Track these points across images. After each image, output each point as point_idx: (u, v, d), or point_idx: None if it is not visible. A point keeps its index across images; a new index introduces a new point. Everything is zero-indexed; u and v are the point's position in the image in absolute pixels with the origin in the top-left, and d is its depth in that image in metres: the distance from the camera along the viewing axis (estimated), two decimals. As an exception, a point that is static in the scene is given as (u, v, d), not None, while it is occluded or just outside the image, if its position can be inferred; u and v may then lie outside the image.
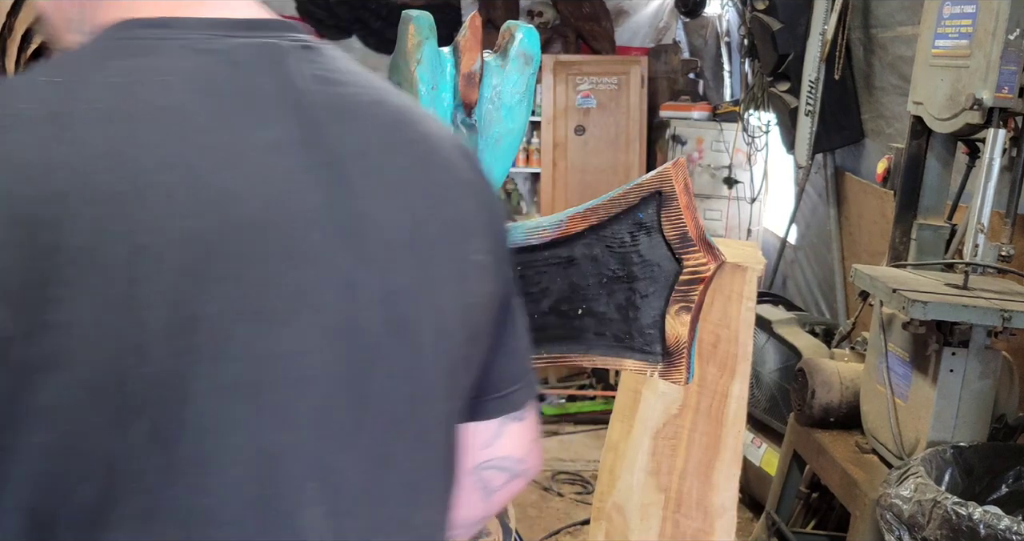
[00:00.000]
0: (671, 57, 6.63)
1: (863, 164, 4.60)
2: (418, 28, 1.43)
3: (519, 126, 1.55)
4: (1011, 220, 2.65)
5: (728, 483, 2.17)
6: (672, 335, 1.47)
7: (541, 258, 1.54)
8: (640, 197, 1.45)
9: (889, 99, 4.22)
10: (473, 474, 1.05)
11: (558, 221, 1.52)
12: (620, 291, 1.50)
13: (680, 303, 1.46)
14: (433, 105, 1.46)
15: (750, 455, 3.85)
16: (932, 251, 2.97)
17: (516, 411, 1.05)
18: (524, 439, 1.07)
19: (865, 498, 2.60)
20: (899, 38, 4.04)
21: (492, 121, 1.53)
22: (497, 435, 1.05)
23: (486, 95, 1.51)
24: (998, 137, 2.58)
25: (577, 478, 4.51)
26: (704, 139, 6.07)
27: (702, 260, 1.44)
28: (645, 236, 1.47)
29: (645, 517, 2.17)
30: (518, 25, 1.53)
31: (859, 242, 4.58)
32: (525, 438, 1.07)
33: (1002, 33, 2.50)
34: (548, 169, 6.49)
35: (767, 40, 4.71)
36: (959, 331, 2.48)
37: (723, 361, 2.14)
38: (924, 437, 2.54)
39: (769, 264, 5.42)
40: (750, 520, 3.95)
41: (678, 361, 1.48)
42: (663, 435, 2.17)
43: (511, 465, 1.07)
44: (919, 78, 2.90)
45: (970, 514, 2.04)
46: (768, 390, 3.80)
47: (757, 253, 2.32)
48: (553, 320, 1.55)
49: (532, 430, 1.09)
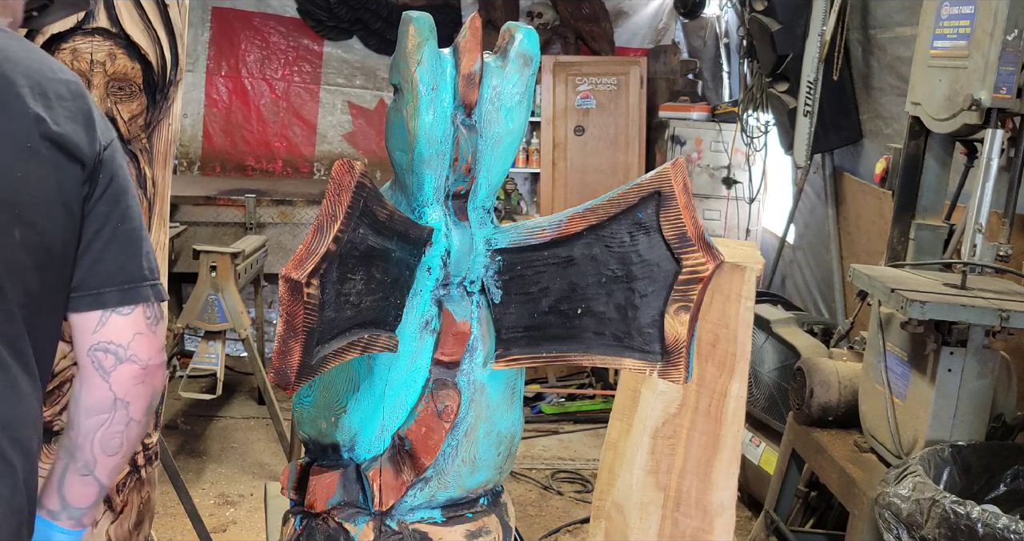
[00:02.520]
0: (670, 58, 6.64)
1: (861, 164, 4.60)
2: (418, 29, 1.44)
3: (519, 126, 1.56)
4: (1009, 220, 2.66)
5: (727, 482, 2.18)
6: (671, 334, 1.48)
7: (541, 258, 1.54)
8: (639, 197, 1.46)
9: (887, 99, 4.23)
10: (88, 355, 1.37)
11: (558, 221, 1.53)
12: (619, 291, 1.51)
13: (679, 303, 1.47)
14: (433, 105, 1.47)
15: (749, 454, 3.86)
16: (930, 251, 2.98)
17: (114, 307, 1.36)
18: (127, 330, 1.38)
19: (863, 497, 2.61)
20: (897, 39, 4.05)
21: (492, 121, 1.53)
22: (101, 323, 1.37)
23: (486, 96, 1.52)
24: (996, 137, 2.59)
25: (576, 477, 4.52)
26: (703, 139, 6.08)
27: (701, 260, 1.45)
28: (644, 236, 1.47)
29: (644, 515, 2.18)
30: (518, 26, 1.54)
31: (857, 242, 4.58)
32: (128, 330, 1.38)
33: (1000, 34, 2.51)
34: (548, 169, 6.50)
35: (766, 41, 4.72)
36: (957, 331, 2.49)
37: (722, 360, 2.15)
38: (922, 436, 2.55)
39: (768, 264, 5.43)
40: (749, 519, 3.96)
41: (677, 360, 1.49)
42: (662, 434, 2.17)
43: (115, 349, 1.37)
44: (917, 79, 2.91)
45: (968, 513, 2.05)
46: (767, 389, 3.80)
47: (756, 253, 2.33)
48: (552, 320, 1.56)
49: (138, 324, 1.38)
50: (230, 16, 6.58)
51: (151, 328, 1.40)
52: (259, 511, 3.92)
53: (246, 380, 5.49)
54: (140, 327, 1.39)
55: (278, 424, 4.31)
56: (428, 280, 1.54)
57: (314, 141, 6.81)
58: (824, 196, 4.91)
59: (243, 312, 4.21)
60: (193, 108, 6.56)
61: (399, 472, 1.55)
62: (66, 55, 1.76)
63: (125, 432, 1.42)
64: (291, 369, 1.27)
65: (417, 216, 1.53)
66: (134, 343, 1.38)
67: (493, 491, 1.70)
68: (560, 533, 3.96)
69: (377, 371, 1.55)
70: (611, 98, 6.47)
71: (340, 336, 1.36)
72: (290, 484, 1.64)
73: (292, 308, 1.24)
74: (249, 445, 4.70)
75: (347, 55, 6.76)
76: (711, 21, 6.57)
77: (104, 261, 1.37)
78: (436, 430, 1.52)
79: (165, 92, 1.89)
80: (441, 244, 1.53)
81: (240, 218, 5.47)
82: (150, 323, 1.40)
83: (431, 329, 1.54)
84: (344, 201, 1.27)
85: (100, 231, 1.37)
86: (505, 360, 1.58)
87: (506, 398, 1.63)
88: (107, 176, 1.37)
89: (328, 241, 1.26)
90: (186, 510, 3.26)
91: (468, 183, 1.55)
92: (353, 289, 1.35)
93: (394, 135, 1.51)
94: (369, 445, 1.57)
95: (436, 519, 1.61)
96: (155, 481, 2.09)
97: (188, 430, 4.82)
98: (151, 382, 1.42)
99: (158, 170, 1.94)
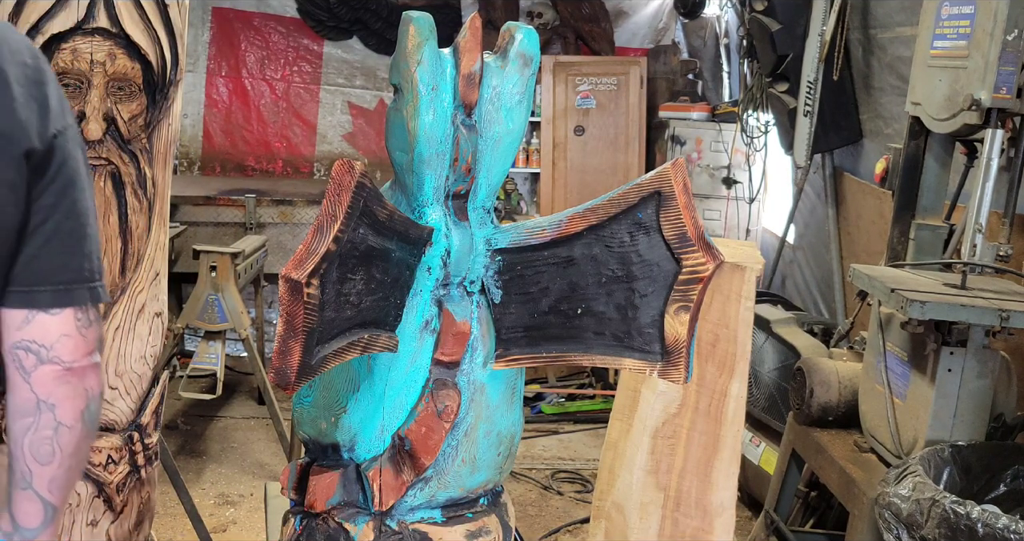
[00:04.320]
0: (670, 58, 6.64)
1: (861, 164, 4.60)
2: (418, 29, 1.44)
3: (519, 126, 1.56)
4: (1009, 220, 2.66)
5: (727, 482, 2.18)
6: (671, 334, 1.48)
7: (541, 258, 1.55)
8: (639, 197, 1.46)
9: (887, 99, 4.23)
10: (10, 353, 1.31)
11: (558, 221, 1.53)
12: (619, 291, 1.51)
13: (679, 303, 1.47)
14: (433, 105, 1.47)
15: (749, 454, 3.86)
16: (930, 251, 2.97)
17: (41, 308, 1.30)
18: (53, 330, 1.31)
19: (863, 497, 2.61)
20: (898, 39, 4.05)
21: (492, 121, 1.53)
22: (27, 321, 1.31)
23: (486, 96, 1.52)
24: (996, 137, 2.59)
25: (577, 477, 4.52)
26: (703, 139, 6.08)
27: (701, 260, 1.45)
28: (644, 236, 1.47)
29: (644, 515, 2.18)
30: (518, 26, 1.54)
31: (857, 242, 4.58)
32: (54, 330, 1.31)
33: (1000, 34, 2.51)
34: (548, 169, 6.50)
35: (766, 41, 4.72)
36: (957, 331, 2.49)
37: (722, 360, 2.15)
38: (922, 436, 2.55)
39: (768, 264, 5.43)
40: (749, 519, 3.96)
41: (677, 360, 1.49)
42: (662, 434, 2.17)
43: (37, 349, 1.31)
44: (917, 78, 2.91)
45: (968, 513, 2.05)
46: (767, 389, 3.80)
47: (756, 253, 2.33)
48: (552, 320, 1.56)
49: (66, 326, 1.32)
50: (230, 16, 6.59)
51: (80, 330, 1.33)
52: (259, 511, 3.92)
53: (246, 380, 5.49)
54: (68, 329, 1.32)
55: (278, 424, 4.31)
56: (428, 280, 1.54)
57: (314, 141, 6.81)
58: (824, 196, 4.91)
59: (243, 312, 4.21)
60: (193, 108, 6.56)
61: (399, 472, 1.55)
62: (66, 55, 1.76)
63: (55, 438, 1.33)
64: (291, 369, 1.27)
65: (417, 216, 1.53)
66: (58, 344, 1.31)
67: (493, 491, 1.71)
68: (560, 533, 3.96)
69: (377, 371, 1.55)
70: (611, 98, 6.48)
71: (340, 336, 1.36)
72: (290, 484, 1.64)
73: (292, 308, 1.24)
74: (249, 445, 4.70)
75: (347, 55, 6.76)
76: (711, 21, 6.57)
77: (41, 258, 1.31)
78: (436, 430, 1.52)
79: (165, 92, 1.89)
80: (441, 244, 1.53)
81: (240, 218, 5.47)
82: (80, 325, 1.33)
83: (431, 329, 1.54)
84: (344, 201, 1.27)
85: (42, 225, 1.30)
86: (505, 360, 1.58)
87: (506, 398, 1.63)
88: (56, 165, 1.31)
89: (328, 241, 1.26)
90: (186, 510, 3.26)
91: (468, 183, 1.55)
92: (353, 289, 1.35)
93: (394, 135, 1.51)
94: (369, 445, 1.57)
95: (436, 519, 1.61)
96: (155, 481, 2.09)
97: (188, 430, 4.82)
98: (78, 384, 1.34)
99: (158, 170, 1.94)
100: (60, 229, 1.32)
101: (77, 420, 1.35)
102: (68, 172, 1.32)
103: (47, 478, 1.35)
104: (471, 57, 1.47)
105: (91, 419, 1.38)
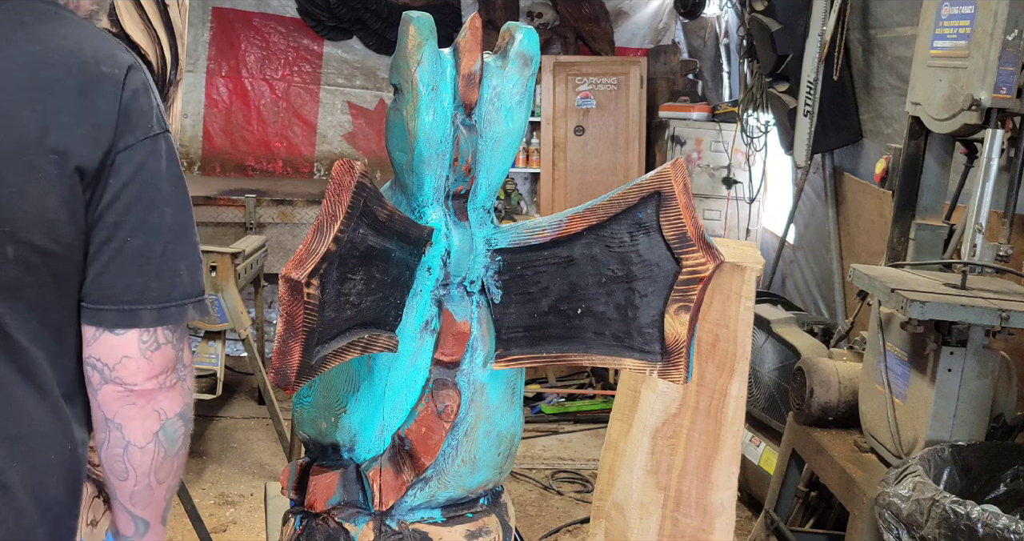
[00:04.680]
0: (670, 58, 6.64)
1: (861, 164, 4.60)
2: (418, 29, 1.44)
3: (519, 127, 1.56)
4: (1009, 220, 2.66)
5: (727, 482, 2.18)
6: (671, 334, 1.48)
7: (541, 258, 1.54)
8: (639, 197, 1.46)
9: (887, 99, 4.23)
10: (85, 367, 1.31)
11: (558, 221, 1.53)
12: (619, 291, 1.51)
13: (679, 303, 1.47)
14: (433, 106, 1.47)
15: (749, 454, 3.86)
16: (930, 251, 2.97)
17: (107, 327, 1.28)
18: (116, 351, 1.29)
19: (863, 497, 2.61)
20: (898, 39, 4.05)
21: (492, 122, 1.53)
22: (95, 338, 1.30)
23: (486, 96, 1.52)
24: (996, 137, 2.59)
25: (577, 477, 4.52)
26: (703, 139, 6.09)
27: (701, 260, 1.45)
28: (644, 236, 1.47)
29: (644, 515, 2.18)
30: (518, 26, 1.54)
31: (857, 242, 4.58)
32: (117, 351, 1.29)
33: (1000, 34, 2.51)
34: (548, 169, 6.50)
35: (766, 41, 4.72)
36: (957, 331, 2.49)
37: (722, 360, 2.15)
38: (922, 436, 2.55)
39: (768, 264, 5.43)
40: (749, 519, 3.96)
41: (677, 360, 1.49)
42: (662, 434, 2.17)
43: (101, 368, 1.30)
44: (917, 78, 2.91)
45: (968, 513, 2.05)
46: (767, 389, 3.80)
47: (756, 253, 2.33)
48: (552, 320, 1.56)
49: (129, 348, 1.29)
50: (230, 16, 6.59)
51: (144, 353, 1.30)
52: (259, 511, 3.92)
53: (246, 380, 5.49)
54: (130, 351, 1.29)
55: (278, 424, 4.31)
56: (428, 280, 1.54)
57: (314, 141, 6.82)
58: (824, 196, 4.91)
59: (243, 312, 4.21)
60: (193, 108, 6.56)
61: (399, 472, 1.55)
62: (66, 55, 1.76)
63: (125, 457, 1.33)
64: (291, 369, 1.26)
65: (417, 216, 1.53)
66: (120, 366, 1.29)
67: (493, 491, 1.70)
68: (560, 533, 3.96)
69: (377, 371, 1.55)
70: (611, 98, 6.48)
71: (340, 336, 1.36)
72: (290, 484, 1.64)
73: (292, 308, 1.24)
74: (249, 445, 4.70)
75: (347, 55, 6.76)
76: (711, 21, 6.57)
77: (107, 275, 1.28)
78: (436, 430, 1.52)
79: (165, 92, 1.89)
80: (441, 244, 1.53)
81: (240, 218, 5.47)
82: (145, 347, 1.30)
83: (431, 329, 1.54)
84: (344, 201, 1.27)
85: (107, 243, 1.27)
86: (505, 360, 1.58)
87: (506, 398, 1.63)
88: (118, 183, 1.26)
89: (328, 241, 1.26)
90: (186, 510, 3.26)
91: (468, 183, 1.55)
92: (353, 289, 1.35)
93: (394, 135, 1.51)
94: (369, 445, 1.57)
95: (436, 519, 1.61)
96: (155, 481, 2.08)
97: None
98: (145, 405, 1.32)
99: (158, 170, 1.94)
100: (125, 248, 1.28)
101: (149, 441, 1.34)
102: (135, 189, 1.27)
103: (127, 493, 1.38)
104: (471, 57, 1.47)
105: (169, 439, 1.36)
